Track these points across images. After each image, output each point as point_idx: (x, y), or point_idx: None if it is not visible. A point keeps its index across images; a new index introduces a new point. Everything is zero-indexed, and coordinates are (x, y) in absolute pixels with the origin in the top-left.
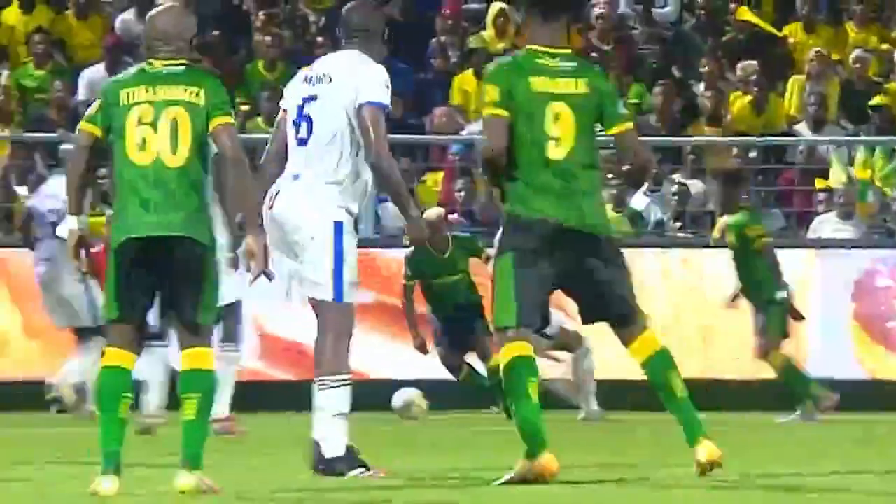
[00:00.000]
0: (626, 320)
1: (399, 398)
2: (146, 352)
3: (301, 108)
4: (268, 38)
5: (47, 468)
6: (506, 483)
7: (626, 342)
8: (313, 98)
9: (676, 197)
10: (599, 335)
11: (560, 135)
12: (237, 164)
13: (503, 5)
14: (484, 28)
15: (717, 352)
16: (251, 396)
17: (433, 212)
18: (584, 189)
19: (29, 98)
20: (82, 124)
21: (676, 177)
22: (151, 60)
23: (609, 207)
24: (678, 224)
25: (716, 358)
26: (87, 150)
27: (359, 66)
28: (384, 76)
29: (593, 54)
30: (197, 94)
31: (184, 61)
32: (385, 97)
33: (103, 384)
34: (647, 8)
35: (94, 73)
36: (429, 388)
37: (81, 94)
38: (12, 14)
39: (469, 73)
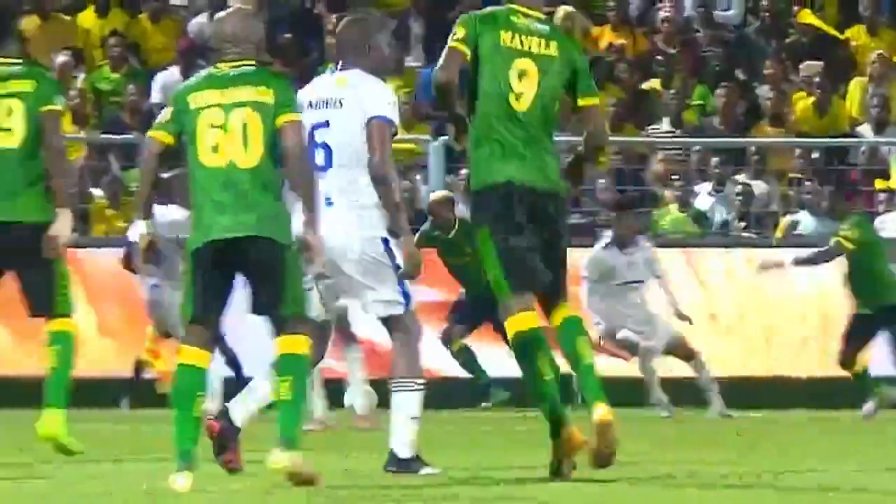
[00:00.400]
0: (559, 288)
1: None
2: (345, 353)
3: (312, 134)
4: None
5: (76, 466)
6: (553, 473)
7: (546, 309)
8: (325, 124)
9: (740, 197)
10: None
11: (523, 91)
12: (300, 163)
13: (570, 9)
14: None
15: (780, 351)
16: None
17: (440, 193)
18: (545, 146)
19: (104, 101)
20: (151, 132)
21: (740, 177)
22: (219, 63)
23: (674, 208)
24: (742, 224)
25: (778, 357)
26: (157, 157)
27: (364, 86)
28: (389, 94)
29: (659, 57)
30: (266, 94)
31: (252, 62)
32: (391, 114)
33: (179, 382)
34: (711, 11)
35: (167, 77)
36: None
37: (155, 97)
38: (88, 18)
39: None
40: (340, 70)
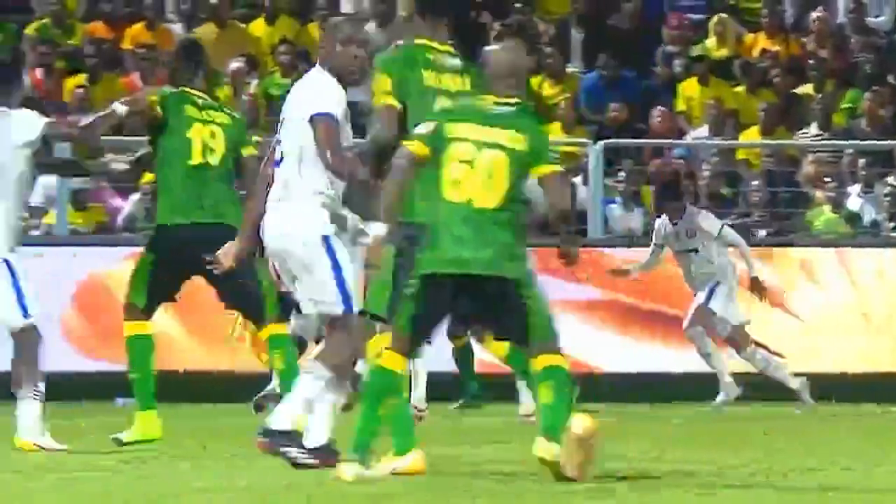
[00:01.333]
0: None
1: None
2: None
3: (277, 132)
4: None
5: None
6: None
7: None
8: (281, 122)
9: (888, 199)
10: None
11: None
12: (562, 214)
13: (724, 15)
14: (706, 36)
15: None
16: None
17: None
18: None
19: (275, 105)
20: (408, 141)
21: (889, 179)
22: (484, 95)
23: (827, 209)
24: (892, 224)
25: None
26: (410, 166)
27: (309, 82)
28: (331, 88)
29: (811, 61)
30: (520, 141)
31: (514, 101)
32: (331, 107)
33: (374, 381)
34: (863, 18)
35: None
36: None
37: None
38: (258, 26)
39: (693, 80)
40: None
